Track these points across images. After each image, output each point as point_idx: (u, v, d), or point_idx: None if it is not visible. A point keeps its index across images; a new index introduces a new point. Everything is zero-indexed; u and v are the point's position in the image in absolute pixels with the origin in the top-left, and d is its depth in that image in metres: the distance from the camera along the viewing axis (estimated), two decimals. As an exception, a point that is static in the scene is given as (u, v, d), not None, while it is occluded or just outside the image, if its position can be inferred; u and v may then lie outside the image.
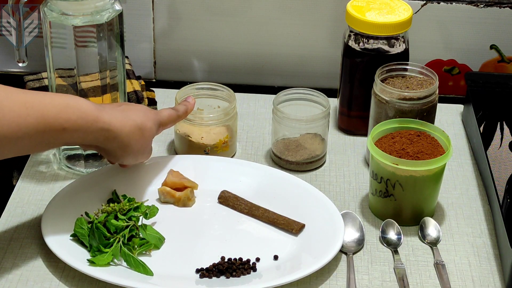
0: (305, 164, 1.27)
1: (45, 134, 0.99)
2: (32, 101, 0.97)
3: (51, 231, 1.09)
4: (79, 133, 1.03)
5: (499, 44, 1.45)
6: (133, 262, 1.06)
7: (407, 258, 1.11)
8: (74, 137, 1.03)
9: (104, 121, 1.05)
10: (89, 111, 1.03)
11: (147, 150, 1.15)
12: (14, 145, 0.97)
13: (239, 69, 1.49)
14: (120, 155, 1.11)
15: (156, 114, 1.15)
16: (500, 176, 1.19)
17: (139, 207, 1.13)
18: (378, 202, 1.17)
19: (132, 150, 1.11)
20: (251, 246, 1.12)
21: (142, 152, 1.14)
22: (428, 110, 1.23)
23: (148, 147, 1.15)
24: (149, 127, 1.12)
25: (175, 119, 1.20)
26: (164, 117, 1.17)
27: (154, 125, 1.13)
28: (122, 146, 1.09)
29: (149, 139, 1.13)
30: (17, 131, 0.96)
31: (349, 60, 1.31)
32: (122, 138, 1.08)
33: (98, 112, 1.05)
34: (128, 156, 1.12)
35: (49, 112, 0.99)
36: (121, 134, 1.07)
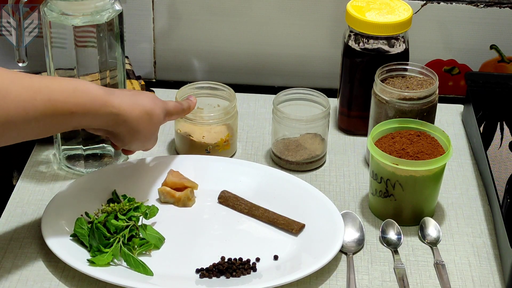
0: (305, 164, 1.27)
1: (53, 118, 0.98)
2: (40, 86, 0.97)
3: (51, 231, 1.09)
4: (87, 117, 1.02)
5: (499, 44, 1.45)
6: (133, 262, 1.06)
7: (407, 258, 1.11)
8: (83, 121, 1.03)
9: (113, 105, 1.05)
10: (98, 95, 1.03)
11: (154, 137, 1.16)
12: (21, 129, 0.96)
13: (239, 69, 1.49)
14: (128, 140, 1.11)
15: (163, 103, 1.16)
16: (500, 176, 1.19)
17: (139, 207, 1.13)
18: (378, 202, 1.17)
19: (140, 135, 1.11)
20: (251, 246, 1.12)
21: (149, 138, 1.14)
22: (428, 110, 1.23)
23: (155, 133, 1.15)
24: (157, 113, 1.12)
25: (180, 112, 1.20)
26: (171, 107, 1.17)
27: (162, 112, 1.14)
28: (131, 131, 1.09)
29: (157, 125, 1.13)
30: (24, 116, 0.95)
31: (349, 60, 1.31)
32: (131, 123, 1.08)
33: (107, 96, 1.04)
34: (135, 141, 1.12)
35: (57, 97, 0.98)
36: (130, 118, 1.07)
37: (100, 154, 1.26)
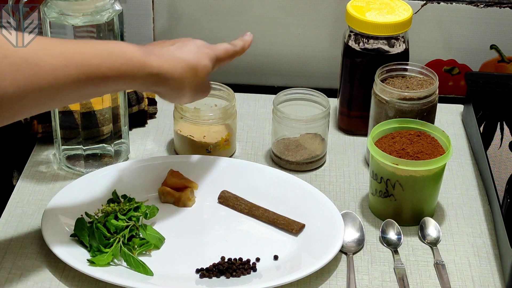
0: (305, 164, 1.27)
1: (87, 84, 0.95)
2: (72, 52, 0.94)
3: (51, 231, 1.09)
4: (124, 80, 0.98)
5: (499, 44, 1.45)
6: (133, 262, 1.06)
7: (407, 258, 1.11)
8: (119, 84, 0.99)
9: (152, 65, 1.00)
10: (134, 57, 0.99)
11: (203, 88, 1.10)
12: (54, 97, 0.93)
13: (239, 69, 1.49)
14: (175, 96, 1.07)
15: (212, 50, 1.10)
16: (500, 176, 1.19)
17: (139, 207, 1.13)
18: (378, 202, 1.17)
19: (186, 91, 1.07)
20: (251, 246, 1.12)
21: (197, 91, 1.09)
22: (428, 110, 1.23)
23: (203, 85, 1.10)
24: (203, 65, 1.07)
25: (232, 54, 1.14)
26: (220, 52, 1.12)
27: (209, 61, 1.08)
28: (175, 88, 1.05)
29: (203, 77, 1.08)
30: (55, 84, 0.92)
31: (349, 60, 1.31)
32: (174, 81, 1.04)
33: (146, 57, 1.00)
34: (183, 97, 1.08)
35: (90, 62, 0.95)
36: (173, 76, 1.03)
37: (100, 154, 1.26)
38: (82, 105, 1.21)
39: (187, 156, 1.26)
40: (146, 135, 1.35)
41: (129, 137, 1.29)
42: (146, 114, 1.37)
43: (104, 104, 1.22)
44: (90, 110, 1.22)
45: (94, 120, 1.23)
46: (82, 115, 1.22)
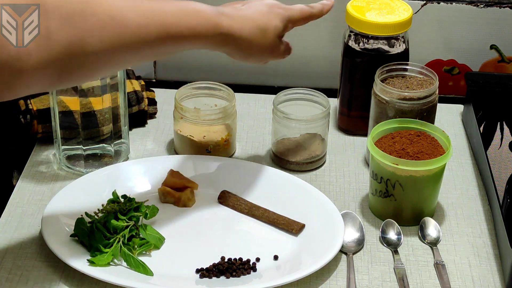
0: (305, 164, 1.27)
1: (166, 41, 0.97)
2: (153, 11, 0.96)
3: (51, 231, 1.09)
4: (199, 40, 1.01)
5: (499, 44, 1.45)
6: (133, 262, 1.06)
7: (407, 258, 1.11)
8: (194, 43, 1.01)
9: (223, 25, 1.02)
10: (209, 17, 1.01)
11: (274, 49, 1.10)
12: (135, 55, 0.96)
13: (239, 69, 1.49)
14: (243, 56, 1.09)
15: (285, 10, 1.10)
16: (500, 176, 1.19)
17: (139, 207, 1.13)
18: (378, 202, 1.17)
19: (254, 52, 1.08)
20: (251, 246, 1.12)
21: (266, 52, 1.10)
22: (428, 110, 1.23)
23: (274, 46, 1.10)
24: (273, 26, 1.07)
25: (308, 17, 1.13)
26: (295, 13, 1.11)
27: (280, 22, 1.08)
28: (243, 49, 1.06)
29: (273, 38, 1.08)
30: (139, 41, 0.94)
31: (349, 60, 1.31)
32: (243, 41, 1.05)
33: (218, 17, 1.02)
34: (251, 57, 1.09)
35: (169, 20, 0.97)
36: (240, 37, 1.04)
37: (100, 154, 1.26)
38: (82, 105, 1.21)
39: (187, 156, 1.26)
40: (146, 135, 1.35)
41: (129, 137, 1.29)
42: (146, 114, 1.37)
43: (104, 104, 1.22)
44: (90, 110, 1.22)
45: (94, 120, 1.22)
46: (82, 115, 1.22)
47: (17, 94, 0.89)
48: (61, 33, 0.86)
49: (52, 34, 0.86)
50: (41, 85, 0.89)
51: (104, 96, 1.21)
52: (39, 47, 0.85)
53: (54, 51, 0.86)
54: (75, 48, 0.88)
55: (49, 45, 0.86)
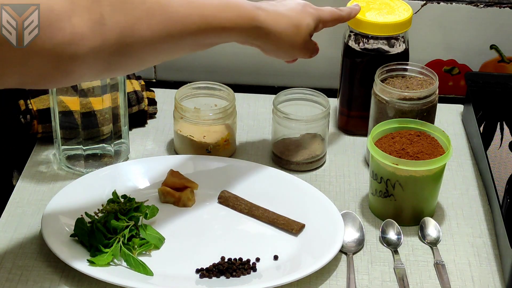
0: (305, 164, 1.27)
1: (207, 33, 1.00)
2: (196, 2, 0.99)
3: (51, 231, 1.09)
4: (236, 32, 1.04)
5: (499, 44, 1.45)
6: (133, 262, 1.06)
7: (407, 258, 1.11)
8: (231, 35, 1.04)
9: (259, 19, 1.06)
10: (247, 10, 1.04)
11: (305, 46, 1.14)
12: (180, 43, 0.98)
13: (239, 69, 1.49)
14: (274, 51, 1.12)
15: (317, 10, 1.14)
16: (500, 176, 1.19)
17: (139, 207, 1.13)
18: (378, 202, 1.17)
19: (285, 47, 1.11)
20: (251, 246, 1.12)
21: (297, 49, 1.13)
22: (428, 110, 1.23)
23: (305, 43, 1.14)
24: (305, 24, 1.12)
25: (337, 19, 1.19)
26: (325, 14, 1.16)
27: (312, 21, 1.13)
28: (275, 43, 1.10)
29: (305, 36, 1.12)
30: (182, 31, 0.97)
31: (349, 60, 1.31)
32: (275, 36, 1.09)
33: (256, 11, 1.05)
34: (282, 53, 1.13)
35: (210, 11, 1.00)
36: (275, 32, 1.08)
37: (100, 154, 1.26)
38: (82, 105, 1.21)
39: (187, 156, 1.26)
40: (146, 135, 1.35)
41: (129, 137, 1.29)
42: (146, 114, 1.37)
43: (104, 104, 1.22)
44: (90, 110, 1.22)
45: (94, 120, 1.22)
46: (82, 115, 1.22)
47: (69, 80, 0.91)
48: (113, 19, 0.89)
49: (105, 20, 0.88)
50: (92, 71, 0.91)
51: (104, 96, 1.21)
52: (93, 32, 0.87)
53: (107, 36, 0.88)
54: (126, 34, 0.90)
55: (102, 31, 0.88)
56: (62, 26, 0.85)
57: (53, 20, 0.84)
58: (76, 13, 0.86)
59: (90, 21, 0.87)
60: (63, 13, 0.85)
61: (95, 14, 0.87)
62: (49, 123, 1.27)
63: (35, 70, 0.86)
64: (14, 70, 0.85)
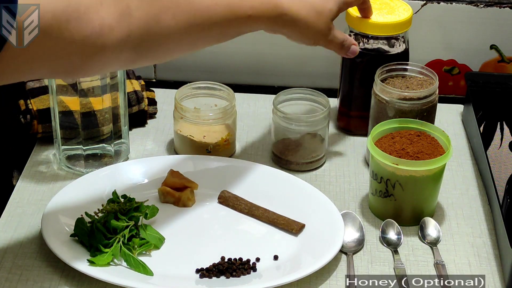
0: (305, 164, 1.27)
1: (232, 22, 1.02)
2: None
3: (51, 231, 1.09)
4: (261, 20, 1.06)
5: (499, 44, 1.45)
6: (133, 262, 1.06)
7: (407, 258, 1.11)
8: (257, 23, 1.06)
9: (283, 6, 1.08)
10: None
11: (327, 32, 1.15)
12: (205, 34, 1.00)
13: (239, 69, 1.49)
14: (299, 37, 1.13)
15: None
16: (500, 176, 1.19)
17: (139, 207, 1.13)
18: (378, 202, 1.17)
19: (309, 33, 1.13)
20: (251, 246, 1.12)
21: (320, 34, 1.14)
22: (428, 110, 1.23)
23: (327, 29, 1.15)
24: (328, 9, 1.14)
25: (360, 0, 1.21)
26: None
27: (335, 5, 1.15)
28: (299, 29, 1.11)
29: (327, 21, 1.14)
30: (207, 21, 0.99)
31: (349, 60, 1.31)
32: (299, 22, 1.10)
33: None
34: (306, 39, 1.14)
35: (234, 1, 1.02)
36: (298, 18, 1.10)
37: (100, 154, 1.26)
38: (82, 105, 1.21)
39: (187, 156, 1.26)
40: (146, 135, 1.35)
41: (129, 137, 1.29)
42: (146, 114, 1.37)
43: (104, 104, 1.22)
44: (90, 110, 1.22)
45: (94, 120, 1.23)
46: (82, 115, 1.22)
47: (97, 70, 0.94)
48: (140, 10, 0.91)
49: (132, 11, 0.91)
50: (120, 61, 0.93)
51: (104, 96, 1.21)
52: (120, 23, 0.90)
53: (134, 27, 0.91)
54: (152, 24, 0.93)
55: (130, 22, 0.91)
56: (91, 18, 0.87)
57: (82, 13, 0.86)
58: (104, 5, 0.88)
59: (117, 12, 0.89)
60: (92, 5, 0.87)
61: (121, 6, 0.90)
62: (49, 123, 1.27)
63: (65, 61, 0.88)
64: (44, 62, 0.87)
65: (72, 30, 0.86)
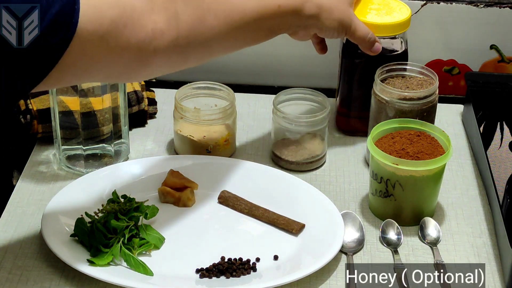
0: (305, 164, 1.27)
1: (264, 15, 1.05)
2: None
3: (51, 231, 1.09)
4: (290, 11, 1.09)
5: (499, 44, 1.45)
6: (133, 262, 1.06)
7: (407, 258, 1.11)
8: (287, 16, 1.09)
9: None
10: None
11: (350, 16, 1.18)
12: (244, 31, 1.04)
13: (239, 69, 1.49)
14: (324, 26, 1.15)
15: None
16: (500, 176, 1.19)
17: (139, 207, 1.13)
18: (378, 202, 1.17)
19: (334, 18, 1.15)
20: (251, 246, 1.12)
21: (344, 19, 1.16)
22: (428, 110, 1.23)
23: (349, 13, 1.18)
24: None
25: None
26: None
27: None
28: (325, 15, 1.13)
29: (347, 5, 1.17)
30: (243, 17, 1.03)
31: (348, 61, 1.31)
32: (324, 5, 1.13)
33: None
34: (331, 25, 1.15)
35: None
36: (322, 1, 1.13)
37: (100, 154, 1.26)
38: (82, 105, 1.21)
39: (187, 156, 1.26)
40: (146, 135, 1.35)
41: (129, 137, 1.29)
42: (146, 114, 1.37)
43: (104, 104, 1.22)
44: (90, 110, 1.22)
45: (94, 120, 1.23)
46: (82, 115, 1.22)
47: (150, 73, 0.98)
48: (186, 13, 0.96)
49: (179, 15, 0.95)
50: (170, 63, 0.98)
51: (104, 96, 1.21)
52: (169, 27, 0.95)
53: (181, 30, 0.96)
54: (196, 26, 0.98)
55: (177, 25, 0.95)
56: (144, 24, 0.92)
57: (136, 19, 0.91)
58: (155, 11, 0.93)
59: (166, 17, 0.94)
60: (145, 11, 0.92)
61: (170, 11, 0.95)
62: (49, 123, 1.27)
63: (121, 65, 0.93)
64: (101, 66, 0.91)
65: (128, 35, 0.91)
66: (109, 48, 0.90)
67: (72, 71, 0.89)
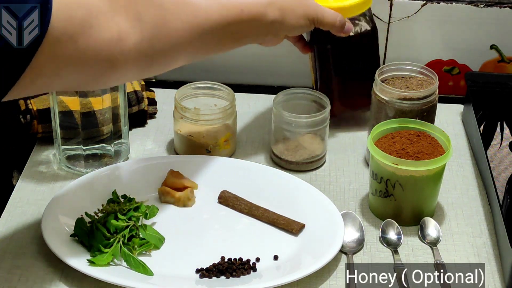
0: (305, 164, 1.27)
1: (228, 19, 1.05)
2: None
3: (51, 231, 1.09)
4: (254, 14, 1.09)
5: (499, 44, 1.45)
6: (133, 262, 1.06)
7: (407, 258, 1.11)
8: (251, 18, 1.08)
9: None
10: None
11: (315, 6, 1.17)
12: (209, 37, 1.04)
13: (239, 69, 1.49)
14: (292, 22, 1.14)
15: None
16: (500, 176, 1.19)
17: (139, 207, 1.13)
18: (378, 202, 1.17)
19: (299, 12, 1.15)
20: (251, 246, 1.12)
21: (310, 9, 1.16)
22: (428, 110, 1.23)
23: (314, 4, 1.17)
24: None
25: None
26: None
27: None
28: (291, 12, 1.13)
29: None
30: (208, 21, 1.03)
31: (319, 49, 1.30)
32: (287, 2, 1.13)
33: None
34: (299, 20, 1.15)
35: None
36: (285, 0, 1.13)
37: (100, 154, 1.26)
38: (82, 105, 1.21)
39: (187, 156, 1.26)
40: (146, 135, 1.35)
41: (129, 137, 1.29)
42: (146, 114, 1.37)
43: (104, 104, 1.22)
44: (90, 110, 1.22)
45: (94, 120, 1.23)
46: (82, 115, 1.22)
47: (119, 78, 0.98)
48: (147, 14, 0.95)
49: (141, 16, 0.94)
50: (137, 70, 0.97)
51: (104, 96, 1.21)
52: (133, 28, 0.93)
53: (146, 31, 0.95)
54: (161, 27, 0.97)
55: (141, 26, 0.94)
56: (109, 25, 0.91)
57: (102, 20, 0.90)
58: (117, 12, 0.92)
59: (129, 18, 0.93)
60: (108, 12, 0.91)
61: (132, 12, 0.94)
62: (49, 123, 1.27)
63: (90, 68, 0.92)
64: (72, 69, 0.90)
65: (95, 36, 0.90)
66: (79, 50, 0.89)
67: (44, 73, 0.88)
